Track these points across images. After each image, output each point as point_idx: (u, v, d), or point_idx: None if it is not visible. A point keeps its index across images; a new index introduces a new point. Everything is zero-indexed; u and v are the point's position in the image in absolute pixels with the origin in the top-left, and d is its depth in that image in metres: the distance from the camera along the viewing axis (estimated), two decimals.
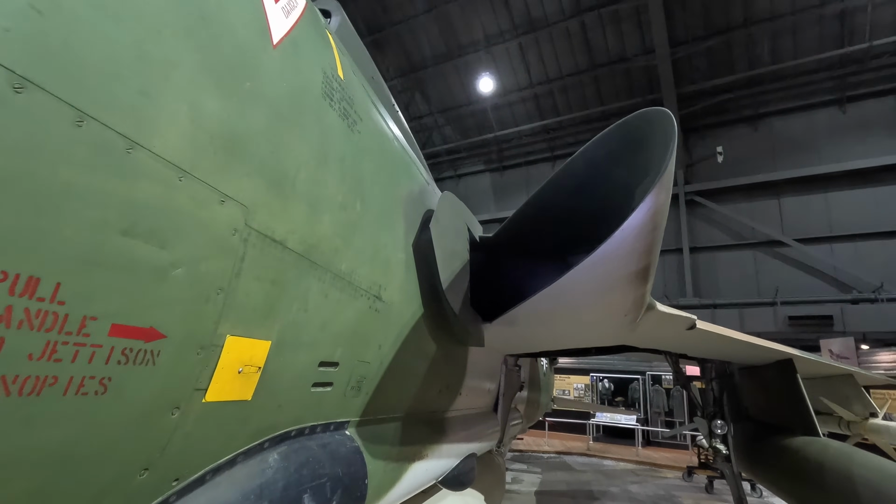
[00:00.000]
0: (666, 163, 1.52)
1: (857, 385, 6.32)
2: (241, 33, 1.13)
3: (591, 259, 1.89)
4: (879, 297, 14.27)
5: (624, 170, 2.01)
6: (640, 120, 1.81)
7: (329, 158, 1.50)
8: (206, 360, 1.07)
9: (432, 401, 2.82)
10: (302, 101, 1.37)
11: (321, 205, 1.45)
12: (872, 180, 15.84)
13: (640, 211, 1.56)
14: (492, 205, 23.33)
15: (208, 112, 1.01)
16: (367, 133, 1.83)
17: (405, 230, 2.19)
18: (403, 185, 2.26)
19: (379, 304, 1.88)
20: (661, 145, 1.65)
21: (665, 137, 1.61)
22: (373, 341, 1.88)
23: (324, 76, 1.53)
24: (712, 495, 10.51)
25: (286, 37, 1.32)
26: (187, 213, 0.97)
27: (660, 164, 1.57)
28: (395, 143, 2.29)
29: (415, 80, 21.12)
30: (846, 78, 16.65)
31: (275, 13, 1.28)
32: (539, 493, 10.22)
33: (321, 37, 1.63)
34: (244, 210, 1.13)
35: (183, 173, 0.95)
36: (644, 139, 1.81)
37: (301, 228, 1.36)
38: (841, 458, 4.36)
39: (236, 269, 1.12)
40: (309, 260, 1.40)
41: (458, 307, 2.54)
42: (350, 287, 1.65)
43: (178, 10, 0.95)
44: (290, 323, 1.35)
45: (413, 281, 2.25)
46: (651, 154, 1.74)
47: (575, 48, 18.56)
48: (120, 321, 0.85)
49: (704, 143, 18.84)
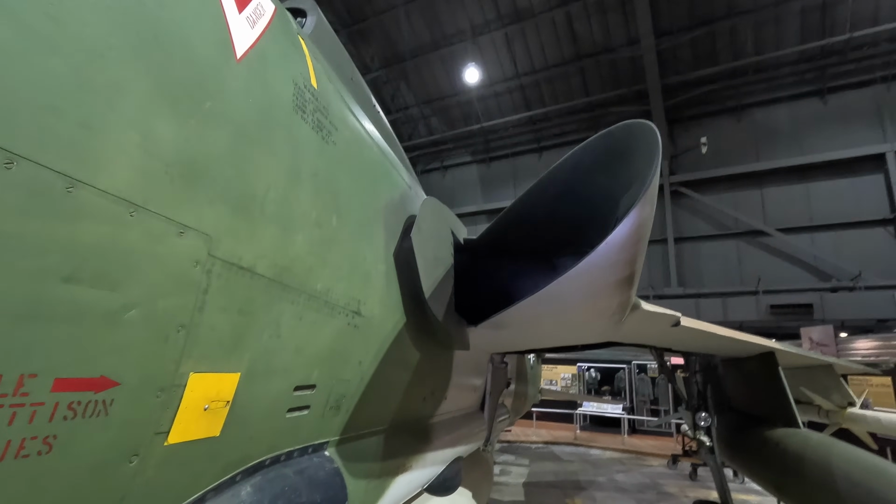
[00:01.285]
0: (650, 179, 1.48)
1: (836, 375, 6.46)
2: (200, 50, 1.05)
3: (577, 269, 1.86)
4: (857, 285, 14.59)
5: (608, 178, 1.97)
6: (623, 132, 1.77)
7: (301, 175, 1.43)
8: (167, 401, 1.01)
9: (416, 409, 2.78)
10: (270, 117, 1.29)
11: (293, 224, 1.39)
12: (851, 170, 16.12)
13: (625, 225, 1.52)
14: (479, 196, 23.29)
15: (163, 139, 0.94)
16: (343, 143, 1.76)
17: (385, 240, 2.13)
18: (383, 194, 2.20)
19: (358, 319, 1.83)
20: (644, 158, 1.61)
21: (649, 152, 1.57)
22: (352, 358, 1.83)
23: (295, 88, 1.45)
24: (696, 482, 10.72)
25: (251, 49, 1.24)
26: (141, 251, 0.90)
27: (644, 178, 1.53)
28: (374, 150, 2.21)
29: (400, 70, 20.87)
30: (827, 69, 16.84)
31: (238, 25, 1.20)
32: (527, 484, 10.33)
33: (292, 45, 1.55)
34: (207, 239, 1.06)
35: (135, 208, 0.88)
36: (628, 150, 1.77)
37: (271, 251, 1.29)
38: (821, 449, 4.44)
39: (199, 304, 1.05)
40: (281, 284, 1.34)
41: (441, 314, 2.50)
42: (326, 306, 1.59)
43: (125, 30, 0.87)
44: (262, 351, 1.29)
45: (395, 291, 2.20)
46: (635, 165, 1.71)
47: (561, 38, 18.48)
48: (64, 375, 0.79)
49: (689, 133, 18.96)
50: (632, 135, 1.72)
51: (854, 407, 6.40)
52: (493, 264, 3.63)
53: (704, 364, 6.74)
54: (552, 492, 9.70)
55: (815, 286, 15.51)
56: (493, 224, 3.00)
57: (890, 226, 15.27)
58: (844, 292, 14.81)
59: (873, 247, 15.33)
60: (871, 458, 4.04)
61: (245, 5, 1.26)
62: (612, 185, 1.97)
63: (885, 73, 16.07)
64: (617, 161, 1.87)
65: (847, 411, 6.37)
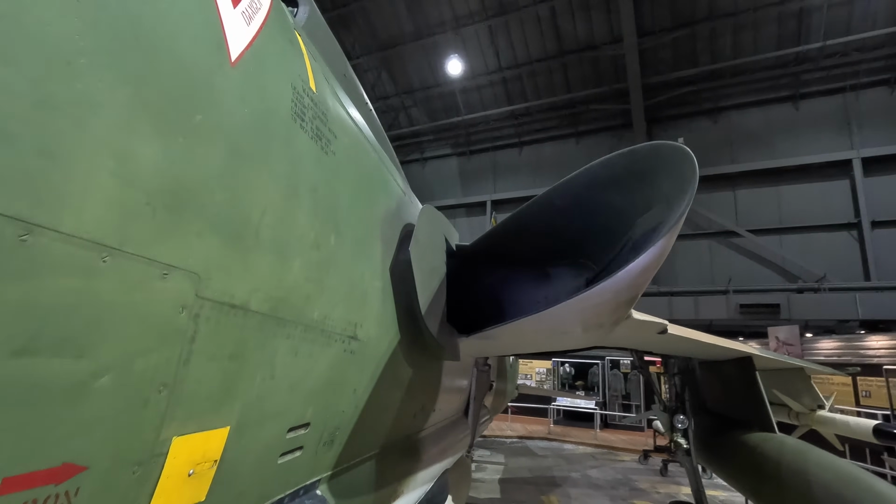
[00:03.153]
0: (683, 207, 1.38)
1: (808, 378, 6.63)
2: (190, 53, 0.88)
3: (588, 294, 1.76)
4: (822, 286, 15.11)
5: (623, 195, 1.87)
6: (650, 152, 1.66)
7: (300, 192, 1.27)
8: (146, 475, 0.85)
9: (407, 427, 2.65)
10: (268, 128, 1.12)
11: (291, 249, 1.23)
12: (820, 175, 16.63)
13: (652, 252, 1.41)
14: (458, 190, 23.13)
15: (145, 163, 0.77)
16: (342, 152, 1.60)
17: (382, 254, 1.98)
18: (381, 204, 2.04)
19: (354, 344, 1.68)
20: (672, 182, 1.51)
21: (680, 177, 1.47)
22: (347, 387, 1.68)
23: (294, 92, 1.28)
24: (666, 478, 10.97)
25: (248, 49, 1.07)
26: (115, 303, 0.73)
27: (673, 204, 1.43)
28: (373, 157, 2.05)
29: (381, 58, 20.42)
30: (800, 75, 17.27)
31: (233, 22, 1.02)
32: (503, 480, 10.37)
33: (290, 42, 1.37)
34: (195, 279, 0.89)
35: (108, 251, 0.71)
36: (651, 171, 1.67)
37: (267, 283, 1.13)
38: (797, 456, 4.52)
39: (184, 356, 0.89)
40: (276, 318, 1.18)
41: (436, 329, 2.37)
42: (323, 335, 1.44)
43: (99, 31, 0.69)
44: (254, 398, 1.13)
45: (390, 309, 2.05)
46: (658, 187, 1.60)
47: (544, 33, 18.38)
48: (16, 472, 0.62)
49: (667, 134, 19.19)
50: (659, 157, 1.61)
51: (823, 410, 6.58)
52: (486, 271, 3.52)
53: (683, 366, 6.82)
54: (528, 488, 9.76)
55: (782, 287, 16.00)
56: (491, 231, 2.89)
57: (853, 230, 15.86)
58: (810, 293, 15.32)
59: (837, 250, 15.90)
60: (847, 465, 4.12)
61: None
62: (626, 202, 1.87)
63: (855, 82, 16.58)
64: (636, 180, 1.77)
65: (816, 414, 6.55)
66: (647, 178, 1.69)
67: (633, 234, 1.80)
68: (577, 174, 2.02)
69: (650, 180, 1.68)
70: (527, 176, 21.71)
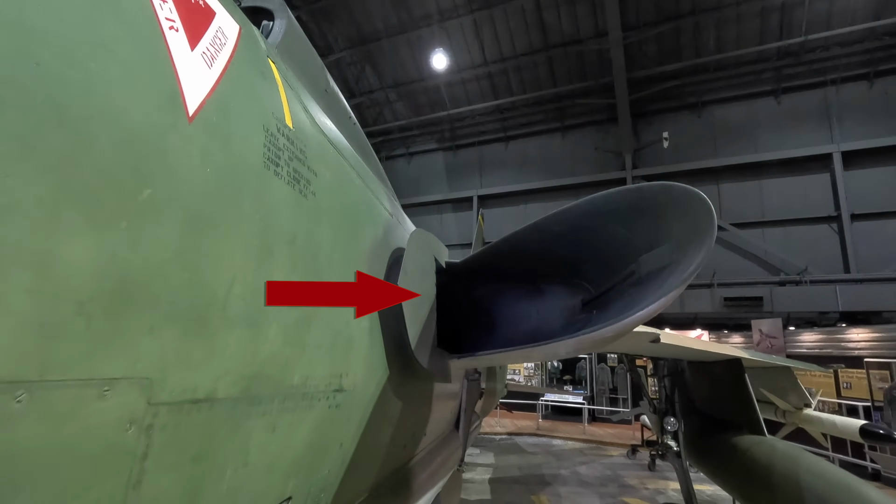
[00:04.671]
0: (700, 260, 1.27)
1: (794, 377, 6.68)
2: (133, 117, 0.72)
3: (590, 336, 1.64)
4: (804, 279, 15.38)
5: (625, 229, 1.75)
6: (660, 193, 1.54)
7: (275, 249, 1.12)
8: None
9: (398, 458, 2.53)
10: (235, 185, 0.97)
11: (266, 316, 1.08)
12: (801, 169, 16.86)
13: (660, 303, 1.31)
14: (444, 185, 22.97)
15: (75, 265, 0.62)
16: (323, 190, 1.45)
17: None
18: (367, 236, 1.89)
19: (340, 396, 1.54)
20: (684, 227, 1.40)
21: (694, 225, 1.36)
22: (333, 444, 1.54)
23: (266, 135, 1.12)
24: (654, 473, 11.08)
25: (210, 97, 0.91)
26: (37, 449, 0.59)
27: (684, 249, 1.32)
28: (357, 185, 1.90)
29: (365, 52, 20.07)
30: (782, 70, 17.44)
31: (191, 67, 0.87)
32: (493, 480, 10.36)
33: (262, 75, 1.21)
34: (146, 385, 0.75)
35: (24, 387, 0.56)
36: (659, 210, 1.55)
37: (238, 362, 0.98)
38: (788, 461, 4.52)
39: (135, 479, 0.74)
40: (249, 398, 1.04)
41: (426, 360, 2.24)
42: (304, 399, 1.30)
43: (5, 105, 0.54)
44: (224, 493, 0.99)
45: (378, 346, 1.91)
46: (666, 228, 1.50)
47: (529, 27, 18.24)
48: None
49: (651, 128, 19.28)
50: (670, 197, 1.50)
51: (810, 408, 6.65)
52: (476, 284, 3.41)
53: (672, 368, 6.82)
54: (517, 488, 9.76)
55: (765, 280, 16.24)
56: (483, 250, 2.77)
57: (834, 223, 16.12)
58: (791, 286, 15.58)
59: (818, 243, 16.16)
60: (839, 472, 4.12)
61: (199, 37, 0.92)
62: (629, 233, 1.75)
63: (835, 77, 16.79)
64: (641, 216, 1.65)
65: (803, 412, 6.61)
66: (654, 215, 1.58)
67: (638, 270, 1.69)
68: (576, 204, 1.90)
69: (657, 218, 1.57)
70: (513, 171, 21.64)
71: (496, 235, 7.67)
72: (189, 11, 0.91)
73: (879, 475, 9.80)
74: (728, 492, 5.38)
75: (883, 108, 15.99)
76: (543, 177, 20.75)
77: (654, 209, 1.60)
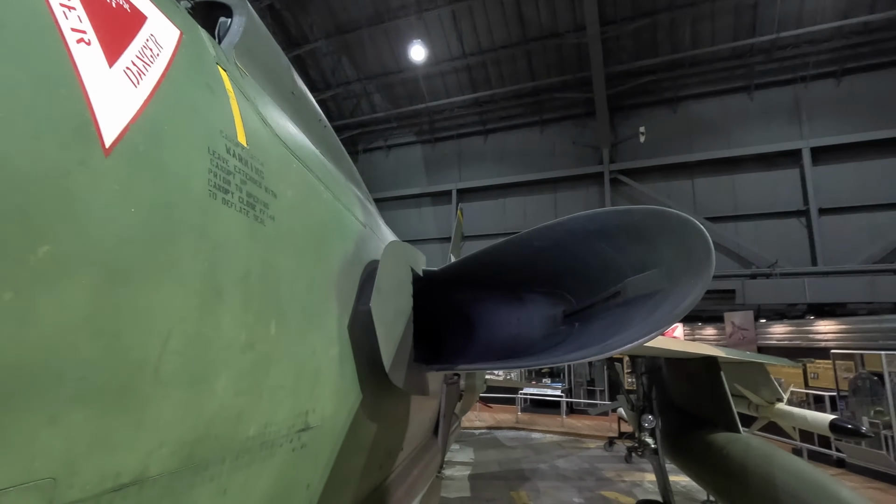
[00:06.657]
0: (694, 297, 1.18)
1: (767, 372, 6.81)
2: (23, 157, 0.58)
3: (573, 356, 1.56)
4: (774, 272, 15.78)
5: (612, 248, 1.66)
6: (652, 216, 1.44)
7: (223, 289, 0.98)
8: None
9: (374, 479, 2.42)
10: (169, 222, 0.83)
11: (212, 368, 0.94)
12: (772, 164, 17.25)
13: (652, 336, 1.22)
14: (423, 178, 22.75)
15: None
16: (284, 212, 1.31)
17: (339, 313, 1.70)
18: (336, 255, 1.76)
19: (306, 435, 1.41)
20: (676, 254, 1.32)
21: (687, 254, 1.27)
22: (298, 488, 1.42)
23: (213, 159, 0.98)
24: (631, 465, 11.26)
25: (134, 122, 0.77)
26: None
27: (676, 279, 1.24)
28: (325, 197, 1.76)
29: (342, 42, 19.60)
30: (754, 66, 17.74)
31: (108, 88, 0.72)
32: (472, 476, 10.36)
33: (208, 88, 1.06)
34: (49, 486, 0.61)
35: None
36: (649, 234, 1.46)
37: (175, 430, 0.85)
38: (762, 459, 4.58)
39: None
40: (193, 467, 0.90)
41: (402, 380, 2.12)
42: (263, 449, 1.17)
43: None
44: None
45: (350, 371, 1.79)
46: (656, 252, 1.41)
47: (508, 20, 18.09)
48: None
49: (628, 122, 19.44)
50: (661, 223, 1.40)
51: (782, 402, 6.79)
52: (455, 290, 3.31)
53: (650, 365, 6.87)
54: (497, 484, 9.78)
55: (737, 272, 16.61)
56: (462, 260, 2.66)
57: (802, 217, 16.57)
58: (762, 279, 15.98)
59: (788, 236, 16.60)
60: (812, 470, 4.18)
61: (121, 50, 0.77)
62: (613, 255, 1.67)
63: (805, 74, 17.17)
64: (628, 238, 1.56)
65: (775, 407, 6.76)
66: (643, 239, 1.49)
67: (625, 292, 1.61)
68: (559, 221, 1.80)
69: (646, 241, 1.49)
70: (492, 164, 21.58)
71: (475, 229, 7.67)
72: (107, 19, 0.76)
73: (844, 462, 10.17)
74: (704, 488, 5.46)
75: (849, 106, 16.44)
76: (522, 170, 20.75)
77: (643, 232, 1.51)
